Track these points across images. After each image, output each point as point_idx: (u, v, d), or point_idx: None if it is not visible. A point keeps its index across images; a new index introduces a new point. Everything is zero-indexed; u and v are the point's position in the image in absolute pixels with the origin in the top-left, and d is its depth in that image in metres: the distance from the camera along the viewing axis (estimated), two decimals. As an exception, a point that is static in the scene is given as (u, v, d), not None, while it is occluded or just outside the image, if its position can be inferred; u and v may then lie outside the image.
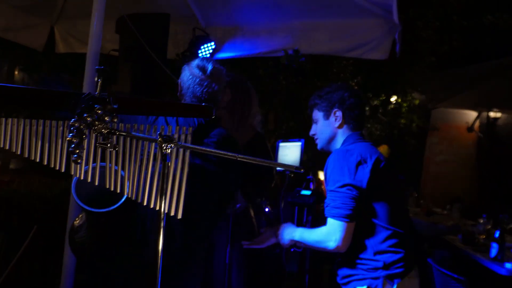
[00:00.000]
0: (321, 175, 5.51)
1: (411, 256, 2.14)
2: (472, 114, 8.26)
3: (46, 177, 5.55)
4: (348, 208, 2.04)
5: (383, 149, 5.27)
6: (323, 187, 5.42)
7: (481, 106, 7.93)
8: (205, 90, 2.07)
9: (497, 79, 6.61)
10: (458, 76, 7.32)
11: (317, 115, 2.33)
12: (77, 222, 1.94)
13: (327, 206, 2.12)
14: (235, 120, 2.82)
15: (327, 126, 2.30)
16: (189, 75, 2.14)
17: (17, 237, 3.82)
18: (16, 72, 7.45)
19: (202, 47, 4.39)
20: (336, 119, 2.27)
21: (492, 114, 8.12)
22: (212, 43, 4.42)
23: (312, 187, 4.42)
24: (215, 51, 4.48)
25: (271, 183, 2.98)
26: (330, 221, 2.08)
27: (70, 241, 2.00)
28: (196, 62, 2.19)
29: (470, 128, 8.25)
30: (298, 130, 6.65)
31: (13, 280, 3.54)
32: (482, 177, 8.06)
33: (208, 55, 4.44)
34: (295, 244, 2.38)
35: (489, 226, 4.71)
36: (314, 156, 6.06)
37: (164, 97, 3.76)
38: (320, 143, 2.35)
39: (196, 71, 2.12)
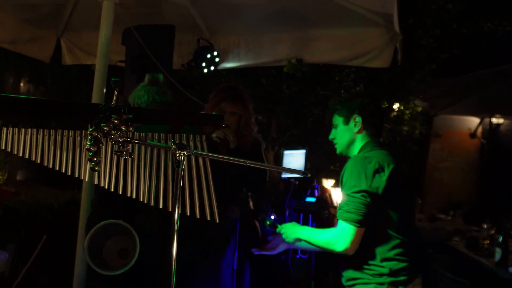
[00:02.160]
0: (325, 183, 5.55)
1: (414, 265, 2.17)
2: (474, 121, 8.29)
3: (52, 187, 5.61)
4: (360, 214, 2.07)
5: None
6: (327, 194, 5.47)
7: (483, 112, 7.97)
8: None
9: (498, 85, 6.65)
10: (459, 83, 7.35)
11: (337, 120, 2.36)
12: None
13: (340, 209, 2.14)
14: (240, 126, 2.89)
15: (346, 131, 2.33)
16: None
17: (26, 247, 3.86)
18: (21, 84, 7.53)
19: (206, 57, 4.47)
20: (355, 125, 2.31)
21: (494, 120, 8.16)
22: (217, 53, 4.50)
23: (316, 194, 4.47)
24: (219, 61, 4.55)
25: (264, 186, 3.01)
26: (341, 224, 2.10)
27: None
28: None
29: (472, 134, 8.29)
30: (301, 138, 6.70)
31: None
32: (485, 183, 8.08)
33: (213, 65, 4.51)
34: (300, 248, 2.42)
35: (493, 231, 4.74)
36: (317, 163, 6.11)
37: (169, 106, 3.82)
38: (339, 147, 2.38)
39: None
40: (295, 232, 2.33)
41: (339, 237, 2.09)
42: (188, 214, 1.59)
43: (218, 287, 2.81)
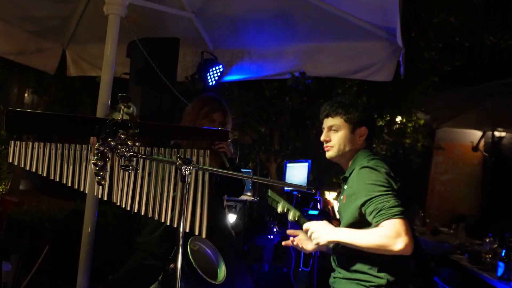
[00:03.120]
0: (328, 195, 5.55)
1: (409, 278, 2.16)
2: (476, 134, 8.30)
3: (55, 198, 5.61)
4: (403, 205, 2.00)
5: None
6: (329, 206, 5.47)
7: (485, 125, 7.97)
8: None
9: (500, 98, 6.66)
10: (461, 96, 7.38)
11: (341, 124, 2.29)
12: None
13: (379, 211, 2.00)
14: None
15: (349, 139, 2.28)
16: None
17: (29, 257, 3.87)
18: (26, 95, 7.57)
19: (210, 70, 4.50)
20: (360, 136, 2.28)
21: (496, 134, 8.16)
22: (220, 66, 4.53)
23: (319, 207, 4.47)
24: (223, 73, 4.59)
25: (242, 192, 2.99)
26: (389, 222, 1.97)
27: None
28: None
29: (475, 148, 8.28)
30: (304, 150, 6.72)
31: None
32: (487, 196, 8.07)
33: (216, 78, 4.55)
34: (329, 252, 2.34)
35: (495, 245, 4.73)
36: (320, 175, 6.12)
37: (174, 119, 3.85)
38: (333, 152, 2.30)
39: None
40: (330, 233, 2.12)
41: (394, 236, 1.94)
42: (187, 230, 1.61)
43: None
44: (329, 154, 2.33)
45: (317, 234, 2.13)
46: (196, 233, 1.60)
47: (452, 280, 4.30)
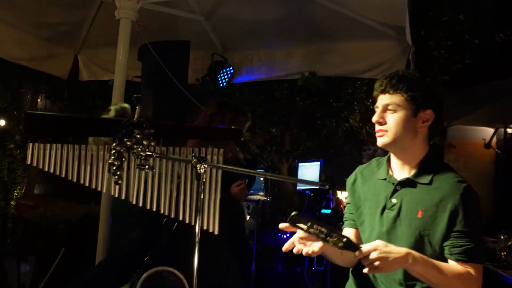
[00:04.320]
0: (340, 195, 5.56)
1: None
2: (488, 131, 8.23)
3: (69, 201, 5.68)
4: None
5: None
6: (342, 206, 5.47)
7: (497, 122, 7.91)
8: None
9: (511, 95, 6.62)
10: (472, 94, 7.33)
11: (401, 103, 1.73)
12: None
13: (474, 248, 1.64)
14: None
15: (409, 124, 1.73)
16: None
17: (45, 260, 3.92)
18: (39, 100, 7.67)
19: (220, 72, 4.54)
20: (424, 121, 1.75)
21: (509, 131, 8.09)
22: (231, 68, 4.57)
23: (331, 206, 4.49)
24: (233, 75, 4.62)
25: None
26: (476, 267, 1.65)
27: None
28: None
29: (487, 145, 8.22)
30: (315, 150, 6.73)
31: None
32: (500, 193, 8.01)
33: (227, 79, 4.58)
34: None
35: (510, 242, 4.70)
36: (332, 175, 6.12)
37: (185, 121, 3.88)
38: (387, 137, 1.74)
39: None
40: (400, 260, 1.55)
41: (475, 283, 1.65)
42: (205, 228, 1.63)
43: None
44: (382, 141, 1.76)
45: (385, 263, 1.53)
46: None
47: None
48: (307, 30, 4.17)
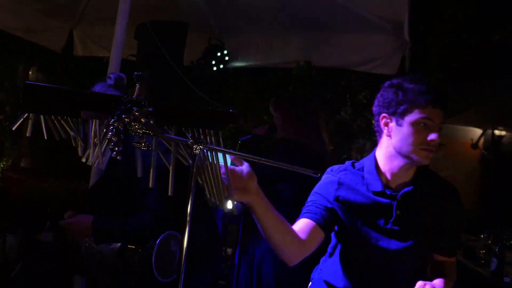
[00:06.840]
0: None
1: None
2: (477, 131, 8.33)
3: (58, 177, 5.66)
4: None
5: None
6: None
7: (486, 123, 8.00)
8: None
9: (503, 97, 6.69)
10: (463, 93, 7.40)
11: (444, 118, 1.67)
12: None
13: (455, 245, 1.84)
14: None
15: None
16: None
17: (32, 233, 3.92)
18: (30, 73, 7.58)
19: (216, 55, 4.53)
20: None
21: (497, 132, 8.19)
22: (227, 52, 4.56)
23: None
24: (229, 60, 4.61)
25: None
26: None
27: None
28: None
29: (474, 145, 8.32)
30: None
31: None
32: (485, 194, 8.12)
33: (222, 64, 4.57)
34: None
35: (490, 241, 4.79)
36: (323, 168, 6.15)
37: (179, 102, 3.89)
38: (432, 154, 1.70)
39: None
40: None
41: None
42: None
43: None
44: (431, 157, 1.70)
45: None
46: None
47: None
48: (305, 19, 4.16)
